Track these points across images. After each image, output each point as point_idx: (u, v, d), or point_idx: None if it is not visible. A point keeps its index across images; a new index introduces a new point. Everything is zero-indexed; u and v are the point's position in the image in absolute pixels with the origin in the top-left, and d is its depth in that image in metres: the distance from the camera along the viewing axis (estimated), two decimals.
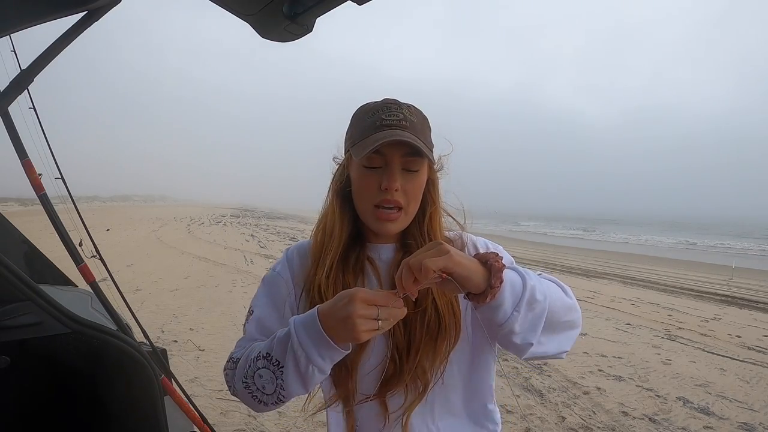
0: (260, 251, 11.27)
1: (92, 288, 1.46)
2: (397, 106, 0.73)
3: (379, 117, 0.72)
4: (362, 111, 0.76)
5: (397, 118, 0.71)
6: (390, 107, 0.73)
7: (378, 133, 0.70)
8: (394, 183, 0.71)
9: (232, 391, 0.73)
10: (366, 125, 0.73)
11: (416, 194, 0.75)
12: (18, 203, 35.85)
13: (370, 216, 0.75)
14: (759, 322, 5.89)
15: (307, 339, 0.61)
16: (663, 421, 2.96)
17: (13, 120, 1.30)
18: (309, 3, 0.81)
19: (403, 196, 0.73)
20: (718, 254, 18.84)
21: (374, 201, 0.73)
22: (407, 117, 0.72)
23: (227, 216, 33.17)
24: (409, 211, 0.75)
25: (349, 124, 0.78)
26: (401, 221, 0.75)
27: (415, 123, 0.73)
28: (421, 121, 0.75)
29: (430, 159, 0.71)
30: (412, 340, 0.73)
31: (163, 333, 4.41)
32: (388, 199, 0.72)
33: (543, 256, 13.94)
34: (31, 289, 1.07)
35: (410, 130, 0.71)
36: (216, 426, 1.87)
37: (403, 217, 0.74)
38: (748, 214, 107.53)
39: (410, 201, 0.74)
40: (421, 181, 0.75)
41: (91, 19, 1.14)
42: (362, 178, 0.74)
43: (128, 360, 1.20)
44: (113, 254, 9.31)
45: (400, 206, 0.73)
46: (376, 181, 0.72)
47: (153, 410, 1.25)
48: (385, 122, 0.71)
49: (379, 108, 0.74)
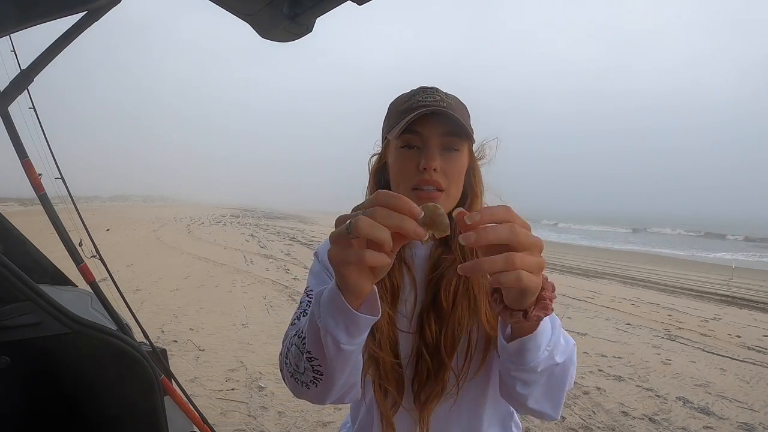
0: (260, 251, 11.26)
1: (92, 288, 1.46)
2: (434, 90, 0.71)
3: (415, 100, 0.70)
4: (399, 99, 0.74)
5: (434, 99, 0.69)
6: (427, 90, 0.71)
7: (416, 112, 0.67)
8: (433, 162, 0.66)
9: (282, 376, 0.66)
10: (403, 109, 0.70)
11: (457, 176, 0.70)
12: (18, 203, 35.86)
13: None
14: (759, 322, 5.89)
15: (325, 303, 0.52)
16: (663, 421, 2.96)
17: (13, 120, 1.30)
18: (309, 3, 0.81)
19: (443, 177, 0.68)
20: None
21: (412, 182, 0.68)
22: (445, 99, 0.70)
23: (227, 216, 33.16)
24: (451, 193, 0.69)
25: (386, 114, 0.76)
26: (443, 203, 0.68)
27: (453, 105, 0.70)
28: (460, 106, 0.72)
29: (470, 139, 0.68)
30: (444, 345, 0.69)
31: (163, 333, 4.41)
32: (426, 180, 0.67)
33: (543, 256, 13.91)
34: (31, 289, 1.07)
35: (449, 110, 0.68)
36: (216, 426, 1.87)
37: (445, 199, 0.69)
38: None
39: (451, 182, 0.69)
40: (462, 163, 0.71)
41: (91, 19, 1.14)
42: (400, 160, 0.70)
43: (128, 360, 1.20)
44: (113, 254, 9.30)
45: (441, 188, 0.68)
46: (414, 161, 0.68)
47: (153, 410, 1.25)
48: (422, 103, 0.68)
49: (416, 92, 0.72)
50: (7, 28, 1.10)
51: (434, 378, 0.70)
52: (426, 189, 0.67)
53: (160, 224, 21.37)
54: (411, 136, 0.68)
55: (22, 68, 1.27)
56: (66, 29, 1.20)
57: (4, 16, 1.02)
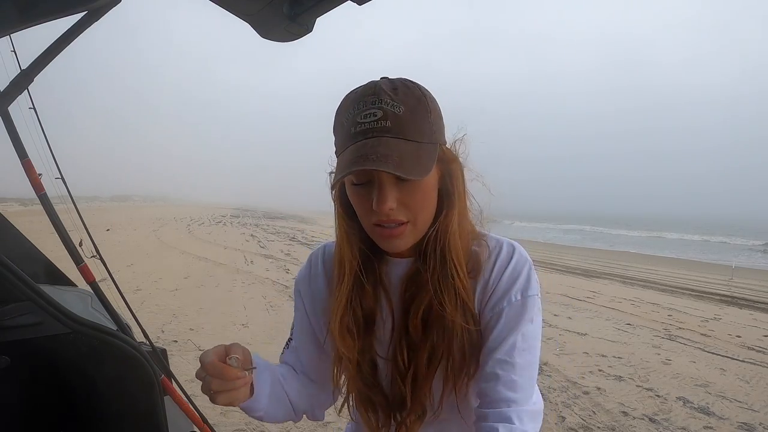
0: (260, 251, 11.27)
1: (92, 288, 1.46)
2: (375, 98, 0.58)
3: (353, 120, 0.59)
4: (342, 107, 0.63)
5: (374, 119, 0.57)
6: (366, 101, 0.58)
7: (351, 145, 0.58)
8: (384, 204, 0.58)
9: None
10: (342, 132, 0.60)
11: (422, 204, 0.61)
12: (18, 203, 35.87)
13: (373, 235, 0.64)
14: (759, 322, 5.89)
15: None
16: (663, 421, 2.96)
17: (13, 120, 1.30)
18: (309, 3, 0.81)
19: (403, 211, 0.60)
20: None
21: (372, 220, 0.61)
22: (389, 112, 0.57)
23: (227, 216, 33.17)
24: (418, 222, 0.62)
25: (334, 121, 0.64)
26: (409, 235, 0.62)
27: (401, 116, 0.57)
28: (413, 108, 0.59)
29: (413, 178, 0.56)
30: (417, 372, 0.66)
31: (163, 333, 4.41)
32: (384, 220, 0.60)
33: (543, 256, 13.93)
34: (31, 289, 1.07)
35: (393, 131, 0.57)
36: (216, 426, 1.86)
37: (411, 230, 0.62)
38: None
39: (417, 213, 0.61)
40: (424, 188, 0.61)
41: (91, 19, 1.14)
42: (353, 198, 0.63)
43: (128, 360, 1.20)
44: (113, 254, 9.30)
45: (403, 221, 0.61)
46: (367, 200, 0.60)
47: (153, 410, 1.24)
48: (360, 127, 0.58)
49: (357, 103, 0.59)
50: (7, 28, 1.10)
51: (412, 404, 0.68)
52: (388, 226, 0.61)
53: (161, 224, 21.37)
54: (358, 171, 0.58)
55: (22, 68, 1.27)
56: (66, 29, 1.20)
57: (4, 16, 1.02)
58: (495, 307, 0.65)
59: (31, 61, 1.26)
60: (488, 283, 0.66)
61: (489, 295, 0.66)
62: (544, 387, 3.42)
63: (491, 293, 0.66)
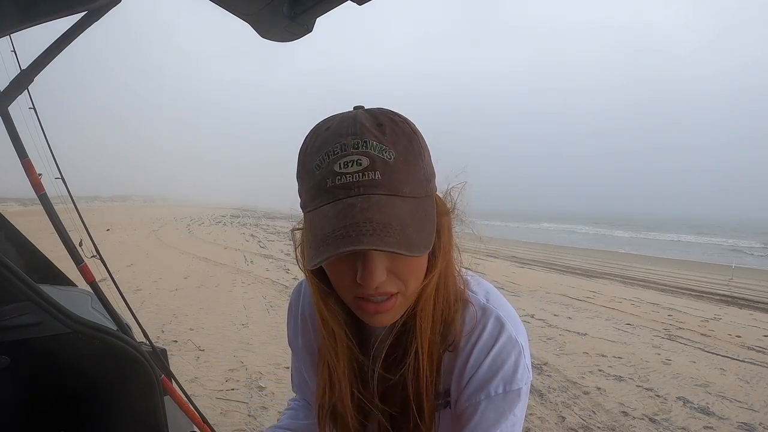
0: (260, 251, 11.26)
1: (92, 288, 1.46)
2: (357, 140, 0.45)
3: (329, 169, 0.45)
4: (311, 145, 0.49)
5: (359, 168, 0.44)
6: (346, 144, 0.45)
7: (330, 204, 0.45)
8: (372, 280, 0.46)
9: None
10: (314, 183, 0.47)
11: (415, 272, 0.50)
12: (18, 203, 35.87)
13: (355, 309, 0.53)
14: (759, 322, 5.89)
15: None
16: (663, 421, 2.96)
17: (13, 120, 1.30)
18: (309, 3, 0.81)
19: (394, 283, 0.49)
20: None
21: (354, 293, 0.50)
22: (378, 159, 0.45)
23: (227, 216, 33.17)
24: (409, 292, 0.51)
25: (298, 164, 0.51)
26: (399, 308, 0.52)
27: (393, 165, 0.45)
28: (406, 152, 0.47)
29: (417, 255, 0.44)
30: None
31: (163, 333, 4.41)
32: (371, 294, 0.49)
33: (543, 256, 13.94)
34: (31, 289, 1.07)
35: (384, 187, 0.45)
36: (216, 426, 1.87)
37: (400, 301, 0.51)
38: None
39: (408, 283, 0.50)
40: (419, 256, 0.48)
41: (91, 19, 1.15)
42: (329, 268, 0.51)
43: (128, 360, 1.20)
44: (113, 254, 9.30)
45: (393, 293, 0.50)
46: (350, 271, 0.48)
47: (153, 410, 1.25)
48: (340, 180, 0.45)
49: (332, 144, 0.46)
50: (7, 28, 1.10)
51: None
52: (374, 301, 0.49)
53: (161, 224, 21.38)
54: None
55: (22, 68, 1.27)
56: (66, 29, 1.20)
57: (4, 16, 1.02)
58: (471, 398, 0.55)
59: (31, 61, 1.26)
60: (466, 366, 0.55)
61: (466, 382, 0.55)
62: (544, 387, 3.42)
63: (469, 380, 0.55)
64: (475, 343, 0.55)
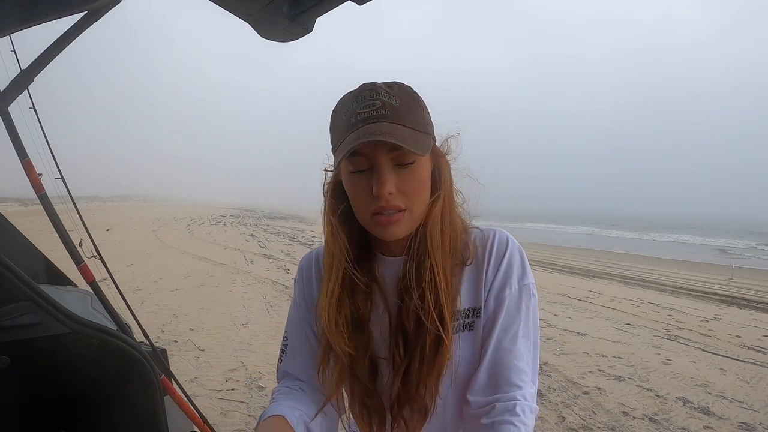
0: (260, 251, 11.27)
1: (92, 288, 1.46)
2: (372, 92, 0.61)
3: (353, 111, 0.61)
4: (338, 106, 0.65)
5: (373, 108, 0.60)
6: (364, 95, 0.61)
7: (352, 132, 0.60)
8: (384, 187, 0.60)
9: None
10: (342, 125, 0.62)
11: (418, 191, 0.63)
12: (18, 203, 35.88)
13: (370, 225, 0.64)
14: (759, 322, 5.89)
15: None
16: (663, 421, 2.96)
17: (13, 120, 1.30)
18: (309, 3, 0.81)
19: (401, 197, 0.62)
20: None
21: (370, 209, 0.62)
22: (387, 103, 0.60)
23: (227, 216, 33.18)
24: (414, 209, 0.63)
25: (330, 121, 0.66)
26: (406, 222, 0.63)
27: (398, 107, 0.61)
28: (408, 102, 0.62)
29: (415, 152, 0.59)
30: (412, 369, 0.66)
31: (163, 333, 4.41)
32: (383, 206, 0.61)
33: (543, 256, 13.94)
34: (31, 289, 1.07)
35: (392, 119, 0.60)
36: (216, 426, 1.87)
37: (408, 217, 0.63)
38: None
39: (413, 200, 0.63)
40: (420, 175, 0.63)
41: (91, 19, 1.15)
42: (352, 186, 0.64)
43: (128, 360, 1.20)
44: (113, 254, 9.31)
45: (401, 209, 0.62)
46: (367, 186, 0.62)
47: (153, 410, 1.25)
48: (360, 116, 0.60)
49: (354, 99, 0.62)
50: (7, 28, 1.10)
51: (411, 404, 0.67)
52: (386, 214, 0.62)
53: (161, 224, 21.38)
54: (357, 159, 0.61)
55: (22, 68, 1.27)
56: (66, 29, 1.20)
57: (4, 16, 1.02)
58: (498, 296, 0.67)
59: (31, 61, 1.26)
60: (487, 273, 0.68)
61: (490, 285, 0.68)
62: (544, 387, 3.42)
63: (491, 283, 0.68)
64: (491, 252, 0.69)
